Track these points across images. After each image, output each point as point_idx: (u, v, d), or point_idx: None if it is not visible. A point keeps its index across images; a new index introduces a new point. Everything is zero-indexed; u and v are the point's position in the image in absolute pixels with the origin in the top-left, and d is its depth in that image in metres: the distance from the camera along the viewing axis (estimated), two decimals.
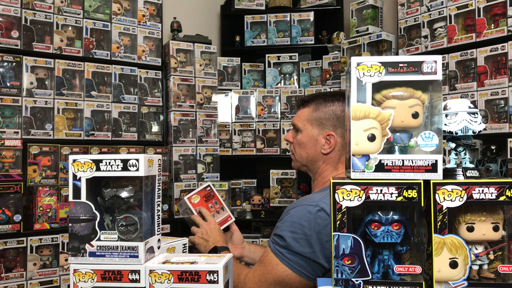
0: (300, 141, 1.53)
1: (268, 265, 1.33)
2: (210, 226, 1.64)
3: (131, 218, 0.89)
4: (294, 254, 1.28)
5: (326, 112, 1.50)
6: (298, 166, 1.59)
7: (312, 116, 1.51)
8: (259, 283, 1.32)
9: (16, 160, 2.27)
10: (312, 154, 1.51)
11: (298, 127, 1.53)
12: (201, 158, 2.96)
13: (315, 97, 1.54)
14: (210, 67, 3.06)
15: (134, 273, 0.86)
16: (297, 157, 1.56)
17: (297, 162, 1.58)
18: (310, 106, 1.53)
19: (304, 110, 1.54)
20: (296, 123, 1.54)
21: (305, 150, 1.52)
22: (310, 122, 1.51)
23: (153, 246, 0.93)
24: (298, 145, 1.53)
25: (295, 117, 1.57)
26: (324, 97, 1.52)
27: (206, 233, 1.63)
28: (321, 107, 1.51)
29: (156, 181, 0.94)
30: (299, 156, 1.55)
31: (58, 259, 2.41)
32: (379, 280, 0.83)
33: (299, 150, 1.54)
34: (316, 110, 1.51)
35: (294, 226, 1.30)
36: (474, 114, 0.88)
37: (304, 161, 1.55)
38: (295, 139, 1.56)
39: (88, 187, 0.88)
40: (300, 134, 1.53)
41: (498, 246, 0.84)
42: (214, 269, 0.83)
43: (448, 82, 2.47)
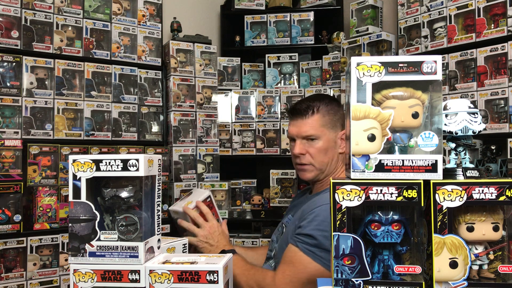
0: (321, 148, 1.54)
1: (299, 264, 1.34)
2: (214, 228, 1.56)
3: (131, 218, 0.89)
4: (326, 251, 1.31)
5: (333, 114, 1.57)
6: (315, 175, 1.57)
7: (325, 121, 1.55)
8: (291, 283, 1.33)
9: (16, 160, 2.27)
10: (333, 157, 1.57)
11: (315, 136, 1.54)
12: (201, 158, 2.96)
13: (316, 104, 1.57)
14: (210, 67, 3.06)
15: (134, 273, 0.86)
16: (318, 166, 1.55)
17: (316, 171, 1.56)
18: (318, 113, 1.55)
19: (314, 118, 1.55)
20: (312, 132, 1.54)
21: (327, 156, 1.55)
22: (325, 127, 1.55)
23: (153, 246, 0.93)
24: (319, 153, 1.54)
25: (305, 128, 1.54)
26: (322, 101, 1.59)
27: (209, 235, 1.54)
28: (328, 110, 1.56)
29: (156, 181, 0.94)
30: (320, 163, 1.55)
31: (58, 259, 2.41)
32: (379, 280, 0.83)
33: (321, 157, 1.55)
34: (326, 115, 1.56)
35: (323, 225, 1.34)
36: (474, 114, 0.88)
37: (325, 166, 1.56)
38: (311, 148, 1.54)
39: (88, 187, 0.88)
40: (318, 142, 1.54)
41: (498, 246, 0.84)
42: (214, 269, 0.83)
43: (448, 82, 2.47)
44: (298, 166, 1.59)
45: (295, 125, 1.57)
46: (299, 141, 1.55)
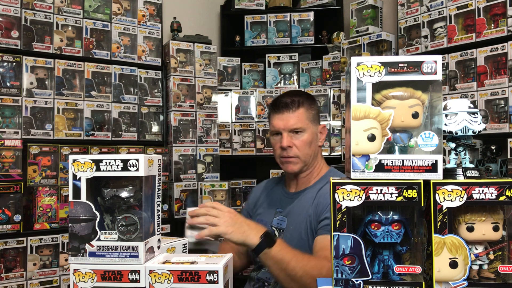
0: (307, 140, 1.59)
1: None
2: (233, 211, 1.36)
3: (131, 218, 0.89)
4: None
5: (314, 109, 1.65)
6: (300, 167, 1.61)
7: (308, 115, 1.61)
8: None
9: (16, 160, 2.27)
10: (315, 149, 1.64)
11: (301, 128, 1.58)
12: (201, 158, 2.96)
13: (299, 98, 1.61)
14: (210, 67, 3.06)
15: (134, 273, 0.86)
16: (303, 158, 1.59)
17: (301, 164, 1.60)
18: (303, 106, 1.60)
19: (300, 111, 1.59)
20: (300, 125, 1.58)
21: (311, 148, 1.61)
22: (309, 120, 1.61)
23: (153, 246, 0.93)
24: (305, 145, 1.59)
25: (292, 121, 1.58)
26: (303, 96, 1.65)
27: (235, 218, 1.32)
28: (310, 105, 1.63)
29: (156, 181, 0.94)
30: (305, 156, 1.60)
31: (58, 259, 2.41)
32: (379, 280, 0.83)
33: (306, 150, 1.59)
34: (309, 109, 1.62)
35: None
36: (474, 114, 0.88)
37: (309, 159, 1.62)
38: (297, 141, 1.58)
39: (88, 187, 0.88)
40: (304, 135, 1.59)
41: (498, 246, 0.84)
42: (214, 269, 0.83)
43: (448, 82, 2.47)
44: (284, 159, 1.61)
45: (282, 119, 1.59)
46: (286, 133, 1.58)
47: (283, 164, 1.64)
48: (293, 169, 1.61)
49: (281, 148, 1.60)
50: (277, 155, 1.65)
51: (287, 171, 1.64)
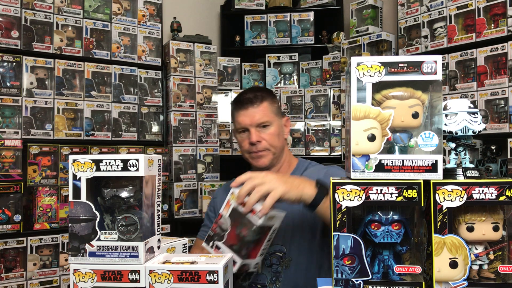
0: (275, 133, 1.59)
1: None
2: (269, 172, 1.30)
3: (131, 218, 0.89)
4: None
5: (276, 102, 1.66)
6: (271, 159, 1.60)
7: (273, 109, 1.62)
8: None
9: (16, 160, 2.27)
10: (282, 142, 1.64)
11: (268, 122, 1.58)
12: (201, 158, 2.96)
13: (261, 93, 1.62)
14: (210, 67, 3.06)
15: (134, 273, 0.86)
16: (274, 150, 1.59)
17: (271, 156, 1.59)
18: (266, 101, 1.61)
19: (264, 105, 1.59)
20: (266, 119, 1.58)
21: (279, 140, 1.61)
22: (274, 113, 1.62)
23: (153, 246, 0.93)
24: (273, 137, 1.58)
25: (258, 116, 1.57)
26: (265, 91, 1.67)
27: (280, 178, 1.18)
28: (273, 99, 1.64)
29: (156, 181, 0.94)
30: (275, 148, 1.59)
31: (58, 259, 2.41)
32: (379, 280, 0.83)
33: (275, 142, 1.59)
34: (271, 103, 1.63)
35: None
36: (474, 114, 0.88)
37: (278, 151, 1.61)
38: (265, 135, 1.58)
39: (88, 187, 0.88)
40: (271, 128, 1.59)
41: (498, 246, 0.84)
42: (214, 269, 0.83)
43: (448, 82, 2.47)
44: (254, 154, 1.59)
45: (247, 115, 1.58)
46: (253, 129, 1.57)
47: (253, 159, 1.61)
48: (265, 162, 1.59)
49: (250, 144, 1.58)
50: (245, 151, 1.62)
51: (258, 166, 1.60)
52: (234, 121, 1.65)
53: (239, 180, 1.20)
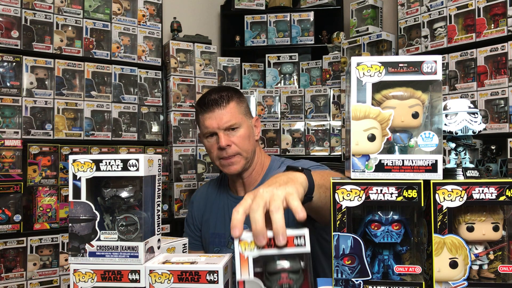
0: (245, 135, 1.49)
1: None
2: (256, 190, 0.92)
3: (131, 218, 0.89)
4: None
5: (244, 102, 1.55)
6: (243, 165, 1.50)
7: (241, 109, 1.52)
8: None
9: (16, 160, 2.27)
10: (253, 144, 1.54)
11: (237, 124, 1.48)
12: (201, 158, 2.96)
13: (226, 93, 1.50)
14: (210, 67, 3.06)
15: (134, 273, 0.86)
16: (245, 154, 1.49)
17: (244, 161, 1.50)
18: (233, 101, 1.50)
19: (231, 106, 1.48)
20: (235, 121, 1.48)
21: (250, 143, 1.51)
22: (243, 114, 1.52)
23: (153, 246, 0.93)
24: (243, 141, 1.49)
25: (226, 118, 1.46)
26: (230, 90, 1.54)
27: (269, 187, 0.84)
28: (240, 98, 1.54)
29: (156, 181, 0.94)
30: (246, 151, 1.49)
31: (58, 259, 2.41)
32: (379, 280, 0.83)
33: (246, 145, 1.49)
34: (239, 103, 1.52)
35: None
36: (474, 114, 0.88)
37: (250, 154, 1.51)
38: (235, 138, 1.48)
39: (88, 187, 0.88)
40: (240, 130, 1.49)
41: (498, 246, 0.84)
42: (214, 269, 0.83)
43: (448, 82, 2.47)
44: (224, 161, 1.49)
45: (214, 117, 1.47)
46: (222, 133, 1.46)
47: (224, 166, 1.50)
48: (237, 169, 1.49)
49: (219, 149, 1.48)
50: (215, 158, 1.51)
51: (230, 173, 1.51)
52: (200, 125, 1.54)
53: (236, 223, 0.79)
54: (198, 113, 1.54)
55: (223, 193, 1.65)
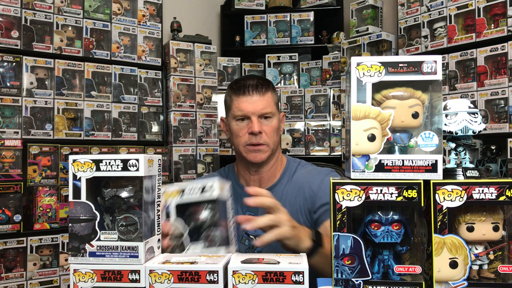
0: (275, 127, 1.47)
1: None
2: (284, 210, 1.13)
3: (131, 218, 0.89)
4: None
5: (277, 95, 1.53)
6: (268, 156, 1.47)
7: (275, 100, 1.49)
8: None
9: (16, 160, 2.27)
10: (279, 138, 1.52)
11: (271, 113, 1.45)
12: (201, 158, 2.96)
13: (264, 81, 1.48)
14: (210, 67, 3.06)
15: (134, 273, 0.86)
16: (272, 146, 1.46)
17: (269, 152, 1.46)
18: (270, 90, 1.47)
19: (268, 95, 1.45)
20: (270, 110, 1.45)
21: (277, 136, 1.50)
22: (276, 105, 1.50)
23: (153, 246, 0.93)
24: (273, 132, 1.46)
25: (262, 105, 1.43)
26: (267, 80, 1.52)
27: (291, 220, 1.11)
28: (274, 90, 1.51)
29: (156, 181, 0.94)
30: (273, 143, 1.47)
31: (58, 259, 2.41)
32: (379, 280, 0.83)
33: (274, 137, 1.47)
34: (274, 94, 1.50)
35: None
36: (474, 114, 0.88)
37: (275, 147, 1.49)
38: (266, 127, 1.44)
39: (88, 187, 0.88)
40: (273, 120, 1.46)
41: (498, 246, 0.84)
42: (214, 269, 0.83)
43: (448, 82, 2.47)
44: (252, 147, 1.43)
45: (250, 102, 1.42)
46: (255, 118, 1.42)
47: (249, 152, 1.44)
48: (262, 157, 1.44)
49: (251, 134, 1.42)
50: (242, 143, 1.45)
51: (255, 161, 1.45)
52: (232, 107, 1.47)
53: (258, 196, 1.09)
54: (231, 95, 1.49)
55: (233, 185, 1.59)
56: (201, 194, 1.05)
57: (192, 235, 1.07)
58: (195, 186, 1.05)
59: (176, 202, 1.07)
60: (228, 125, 1.53)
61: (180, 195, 1.07)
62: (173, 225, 1.06)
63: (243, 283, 0.83)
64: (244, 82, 1.46)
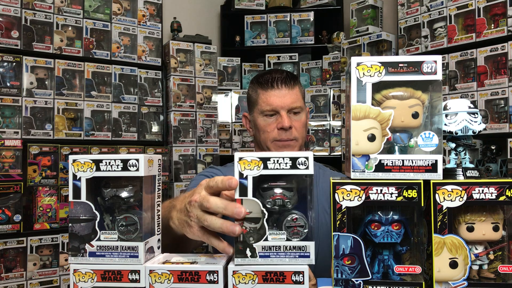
0: (304, 122, 1.42)
1: None
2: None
3: (131, 218, 0.88)
4: None
5: (303, 89, 1.48)
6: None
7: (303, 94, 1.45)
8: None
9: (16, 160, 2.27)
10: (306, 134, 1.48)
11: (300, 108, 1.41)
12: (201, 158, 2.96)
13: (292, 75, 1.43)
14: (210, 67, 3.06)
15: (134, 273, 0.86)
16: (300, 141, 1.41)
17: (297, 148, 1.42)
18: (298, 85, 1.43)
19: (297, 89, 1.41)
20: (299, 104, 1.40)
21: (305, 131, 1.45)
22: (304, 100, 1.45)
23: (153, 246, 0.93)
24: (302, 127, 1.41)
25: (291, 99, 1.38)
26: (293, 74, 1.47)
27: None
28: (301, 84, 1.47)
29: (156, 181, 0.94)
30: (302, 139, 1.42)
31: (58, 259, 2.41)
32: (379, 280, 0.83)
33: (303, 132, 1.42)
34: (302, 88, 1.46)
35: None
36: (474, 114, 0.88)
37: (302, 143, 1.45)
38: (295, 122, 1.40)
39: (88, 187, 0.88)
40: (302, 115, 1.42)
41: (498, 246, 0.84)
42: (214, 269, 0.83)
43: (448, 82, 2.47)
44: (280, 143, 1.38)
45: (279, 96, 1.37)
46: (284, 113, 1.37)
47: (279, 148, 1.39)
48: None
49: (281, 129, 1.37)
50: (271, 139, 1.39)
51: None
52: (258, 101, 1.40)
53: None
54: (257, 90, 1.42)
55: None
56: (290, 168, 0.80)
57: (270, 220, 0.81)
58: (282, 156, 0.80)
59: (255, 175, 0.81)
60: (253, 121, 1.45)
61: (261, 166, 0.81)
62: (250, 204, 0.80)
63: (243, 283, 0.83)
64: (272, 75, 1.40)
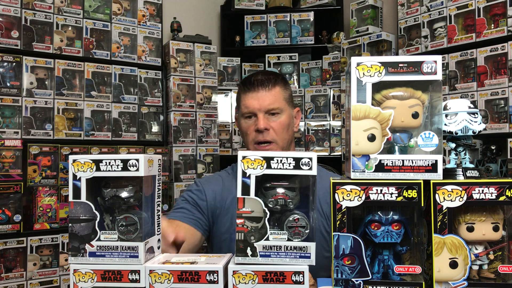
0: (284, 123, 1.42)
1: None
2: None
3: (131, 218, 0.88)
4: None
5: (289, 89, 1.48)
6: None
7: (285, 95, 1.45)
8: None
9: (16, 160, 2.27)
10: (291, 135, 1.47)
11: (279, 109, 1.41)
12: (201, 158, 2.96)
13: (273, 76, 1.44)
14: (210, 67, 3.06)
15: (134, 273, 0.86)
16: (281, 143, 1.42)
17: (278, 150, 1.41)
18: (278, 85, 1.43)
19: (276, 90, 1.41)
20: (277, 105, 1.40)
21: (288, 132, 1.45)
22: (286, 101, 1.45)
23: (153, 246, 0.93)
24: (282, 129, 1.41)
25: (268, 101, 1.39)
26: (276, 75, 1.47)
27: None
28: (285, 85, 1.47)
29: (156, 181, 0.94)
30: (282, 140, 1.42)
31: (58, 259, 2.41)
32: (379, 280, 0.83)
33: (283, 134, 1.42)
34: (284, 89, 1.45)
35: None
36: (474, 114, 0.88)
37: (286, 144, 1.45)
38: (274, 123, 1.40)
39: (88, 187, 0.88)
40: (281, 116, 1.42)
41: (498, 246, 0.84)
42: (214, 269, 0.83)
43: (448, 82, 2.47)
44: (259, 146, 1.39)
45: (256, 98, 1.39)
46: (261, 115, 1.39)
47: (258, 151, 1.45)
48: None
49: (257, 131, 1.39)
50: (250, 141, 1.42)
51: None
52: (240, 104, 1.45)
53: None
54: (240, 92, 1.47)
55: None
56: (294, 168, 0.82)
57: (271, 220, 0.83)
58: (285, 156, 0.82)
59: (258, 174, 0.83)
60: (238, 124, 1.50)
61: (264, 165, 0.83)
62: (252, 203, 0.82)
63: (243, 283, 0.83)
64: (252, 78, 1.43)
